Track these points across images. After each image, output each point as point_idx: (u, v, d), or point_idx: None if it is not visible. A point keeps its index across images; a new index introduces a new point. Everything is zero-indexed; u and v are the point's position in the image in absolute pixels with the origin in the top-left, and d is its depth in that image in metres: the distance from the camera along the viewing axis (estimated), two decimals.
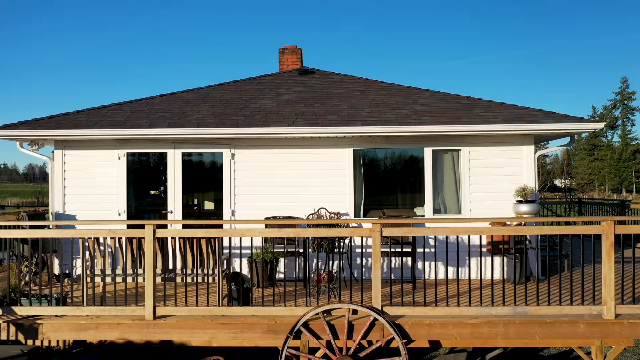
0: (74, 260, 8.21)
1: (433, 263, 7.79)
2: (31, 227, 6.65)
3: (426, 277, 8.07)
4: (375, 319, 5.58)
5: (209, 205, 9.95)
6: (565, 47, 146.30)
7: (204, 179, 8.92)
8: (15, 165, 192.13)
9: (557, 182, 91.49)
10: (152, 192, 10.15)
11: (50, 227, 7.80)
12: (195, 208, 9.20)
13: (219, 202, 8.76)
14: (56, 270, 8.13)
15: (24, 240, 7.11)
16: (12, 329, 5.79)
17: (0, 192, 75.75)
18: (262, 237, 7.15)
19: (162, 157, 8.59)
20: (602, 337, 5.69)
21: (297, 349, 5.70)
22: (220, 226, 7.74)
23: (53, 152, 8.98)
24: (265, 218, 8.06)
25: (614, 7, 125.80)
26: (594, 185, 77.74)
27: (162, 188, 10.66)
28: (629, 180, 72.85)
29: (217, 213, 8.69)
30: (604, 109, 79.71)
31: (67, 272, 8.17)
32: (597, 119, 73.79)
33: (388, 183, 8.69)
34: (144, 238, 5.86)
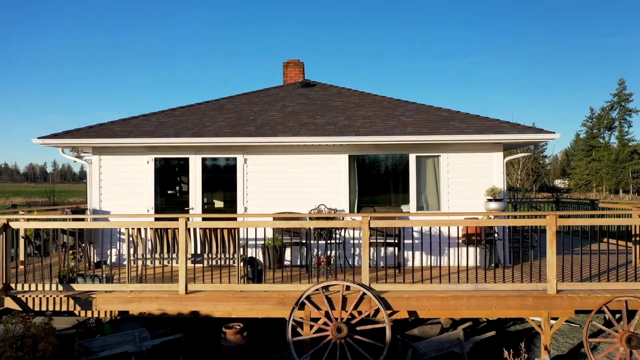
0: (109, 250, 9.57)
1: (416, 252, 9.17)
2: (74, 219, 8.05)
3: (409, 263, 9.43)
4: (364, 293, 6.95)
5: (219, 204, 11.35)
6: (563, 48, 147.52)
7: (220, 181, 10.31)
8: (16, 165, 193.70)
9: (557, 182, 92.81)
10: (169, 192, 11.55)
11: (88, 220, 9.20)
12: (206, 206, 10.57)
13: (228, 201, 10.15)
14: (93, 258, 9.51)
15: (72, 233, 8.50)
16: (71, 301, 7.17)
17: (2, 191, 76.64)
18: (273, 228, 8.53)
19: (184, 162, 9.97)
20: (547, 308, 7.06)
21: (300, 319, 7.07)
22: (235, 219, 9.11)
23: (76, 154, 10.25)
24: (274, 213, 9.43)
25: (612, 8, 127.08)
26: (591, 186, 78.69)
27: (177, 188, 12.07)
28: (625, 181, 73.73)
29: (228, 210, 10.08)
30: (602, 110, 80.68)
31: (103, 259, 9.54)
32: (554, 131, 75.51)
33: (379, 184, 10.08)
34: (177, 229, 7.24)
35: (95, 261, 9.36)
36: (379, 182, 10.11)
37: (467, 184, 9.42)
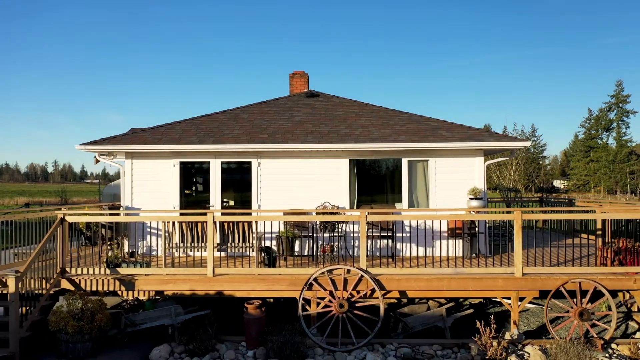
0: (140, 241, 10.98)
1: (408, 244, 10.57)
2: (111, 214, 9.47)
3: (402, 254, 10.83)
4: (362, 276, 8.36)
5: (233, 202, 12.76)
6: (562, 48, 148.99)
7: (235, 181, 11.74)
8: (17, 165, 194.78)
9: (557, 183, 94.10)
10: (187, 192, 12.95)
11: (121, 214, 10.61)
12: (223, 204, 11.97)
13: (242, 200, 11.56)
14: (126, 248, 10.92)
15: (110, 227, 9.93)
16: (117, 283, 8.58)
17: (6, 191, 77.47)
18: (284, 222, 9.94)
19: (205, 165, 11.39)
20: (514, 288, 8.46)
21: (309, 298, 8.47)
22: (250, 214, 10.52)
23: (95, 156, 11.60)
24: (284, 209, 10.84)
25: (611, 9, 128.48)
26: (589, 187, 79.70)
27: (193, 188, 13.50)
28: (623, 181, 74.65)
29: (242, 208, 11.47)
30: (600, 111, 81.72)
31: (135, 250, 10.95)
32: (526, 138, 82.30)
33: (376, 184, 11.50)
34: (206, 222, 8.66)
35: (128, 251, 10.76)
36: (376, 183, 11.53)
37: (452, 185, 10.81)
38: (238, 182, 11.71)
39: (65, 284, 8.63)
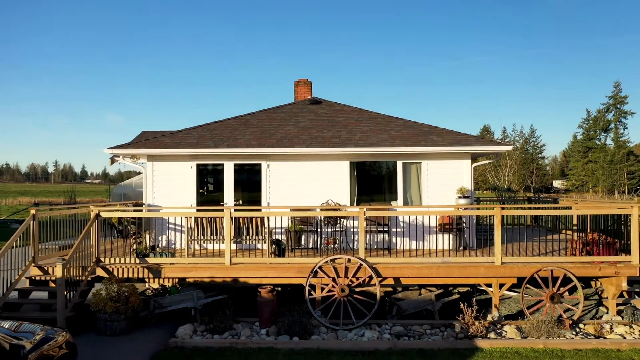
0: (160, 236, 12.16)
1: (402, 238, 11.74)
2: (135, 210, 10.63)
3: (396, 247, 12.00)
4: (361, 264, 9.54)
5: (243, 200, 13.91)
6: (561, 48, 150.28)
7: (245, 182, 12.90)
8: (17, 165, 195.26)
9: (556, 183, 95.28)
10: (200, 191, 14.12)
11: (144, 211, 11.79)
12: (235, 202, 13.08)
13: (251, 199, 12.72)
14: (149, 242, 12.10)
15: (133, 222, 11.12)
16: (146, 271, 9.77)
17: (8, 191, 78.16)
18: (292, 217, 11.12)
19: (219, 167, 12.57)
20: (495, 276, 9.63)
21: (314, 284, 9.65)
22: (260, 211, 11.69)
23: (111, 157, 12.77)
24: (291, 206, 12.00)
25: (609, 10, 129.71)
26: (588, 187, 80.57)
27: (205, 187, 14.66)
28: (621, 182, 75.53)
29: (252, 206, 12.62)
30: (598, 112, 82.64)
31: (156, 243, 12.13)
32: (508, 142, 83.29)
33: (374, 184, 12.69)
34: (223, 217, 9.85)
35: (150, 244, 11.95)
36: (374, 183, 12.72)
37: (442, 185, 11.99)
38: (246, 182, 12.87)
39: (100, 272, 9.81)
